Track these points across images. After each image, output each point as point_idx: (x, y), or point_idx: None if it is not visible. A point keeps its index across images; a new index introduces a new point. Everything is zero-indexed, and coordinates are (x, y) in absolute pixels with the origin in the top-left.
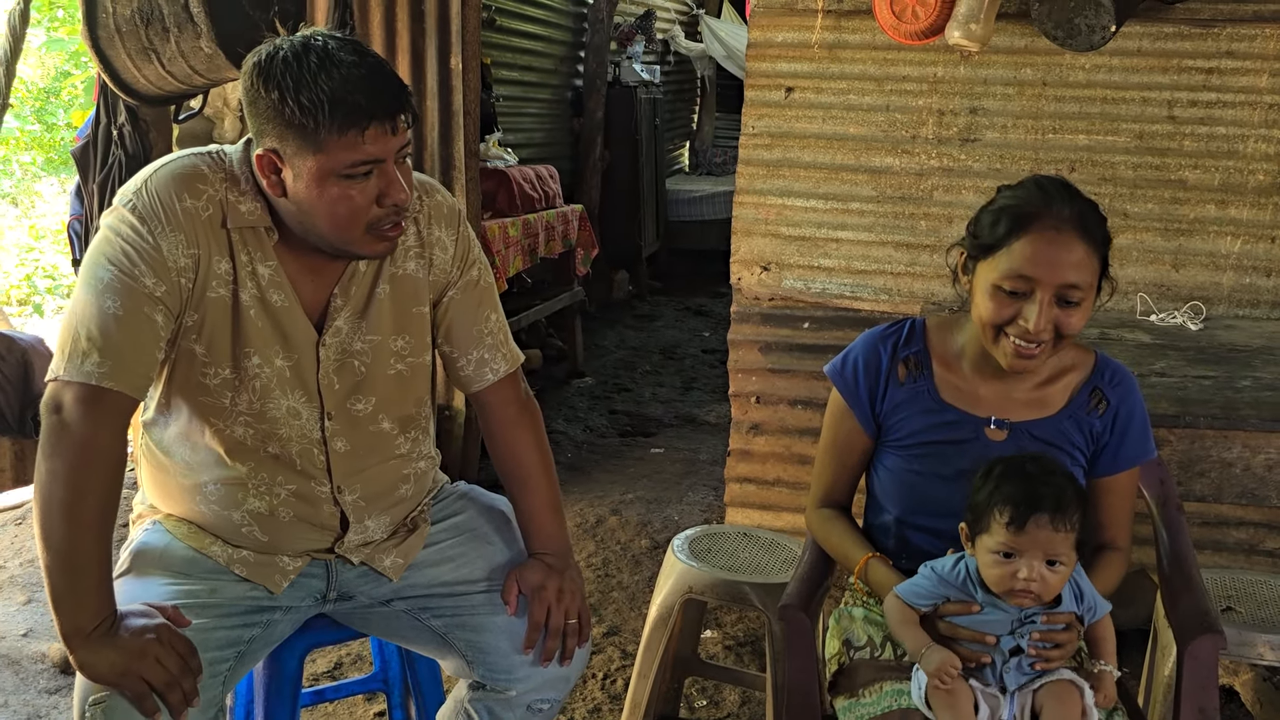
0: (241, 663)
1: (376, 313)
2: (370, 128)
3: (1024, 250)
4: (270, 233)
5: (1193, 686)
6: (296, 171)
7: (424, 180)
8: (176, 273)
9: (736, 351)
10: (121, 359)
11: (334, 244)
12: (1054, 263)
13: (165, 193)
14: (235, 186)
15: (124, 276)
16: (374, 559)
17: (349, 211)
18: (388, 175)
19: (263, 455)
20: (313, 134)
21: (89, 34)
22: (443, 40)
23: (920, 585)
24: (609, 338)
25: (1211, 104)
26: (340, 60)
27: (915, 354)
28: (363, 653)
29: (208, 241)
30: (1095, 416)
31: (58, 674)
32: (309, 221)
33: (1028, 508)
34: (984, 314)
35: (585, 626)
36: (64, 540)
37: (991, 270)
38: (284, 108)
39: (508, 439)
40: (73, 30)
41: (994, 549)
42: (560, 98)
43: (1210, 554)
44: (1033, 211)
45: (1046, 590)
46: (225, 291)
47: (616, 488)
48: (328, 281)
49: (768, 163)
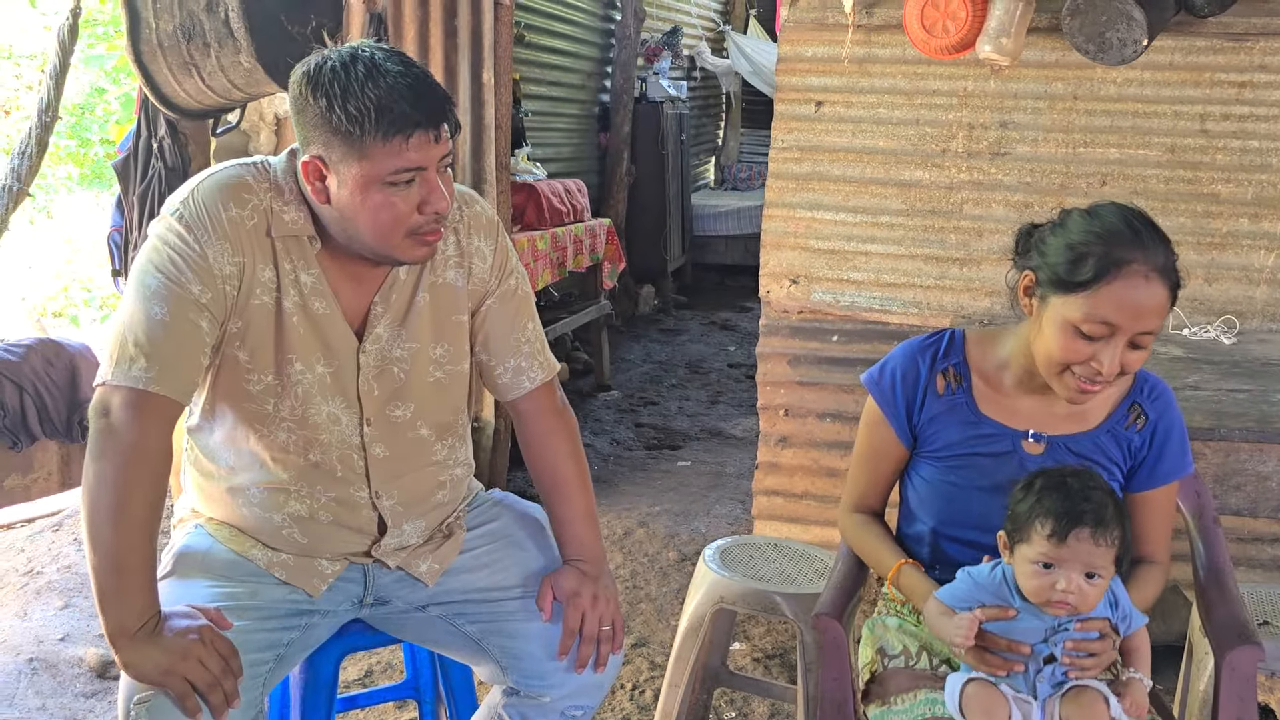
0: (280, 665)
1: (416, 321)
2: (415, 135)
3: (1112, 297)
4: (313, 241)
5: (1230, 699)
6: (341, 178)
7: (464, 191)
8: (222, 280)
9: (765, 364)
10: (168, 364)
11: (376, 250)
12: (1140, 311)
13: (211, 202)
14: (280, 196)
15: (171, 284)
16: (410, 564)
17: (392, 218)
18: (429, 183)
19: (304, 462)
20: (358, 141)
21: (132, 48)
22: (475, 55)
23: (957, 589)
24: (635, 352)
25: (1244, 118)
26: (387, 70)
27: (954, 365)
28: (393, 661)
29: (252, 250)
30: (1134, 431)
31: (94, 678)
32: (352, 228)
33: (1070, 521)
34: (1054, 352)
35: (619, 633)
36: (111, 541)
37: (1071, 309)
38: (331, 115)
39: (544, 448)
40: (112, 46)
41: (1034, 559)
42: (587, 113)
43: (1245, 571)
44: (1125, 258)
45: (1084, 602)
46: (269, 299)
47: (644, 500)
48: (369, 289)
49: (797, 176)
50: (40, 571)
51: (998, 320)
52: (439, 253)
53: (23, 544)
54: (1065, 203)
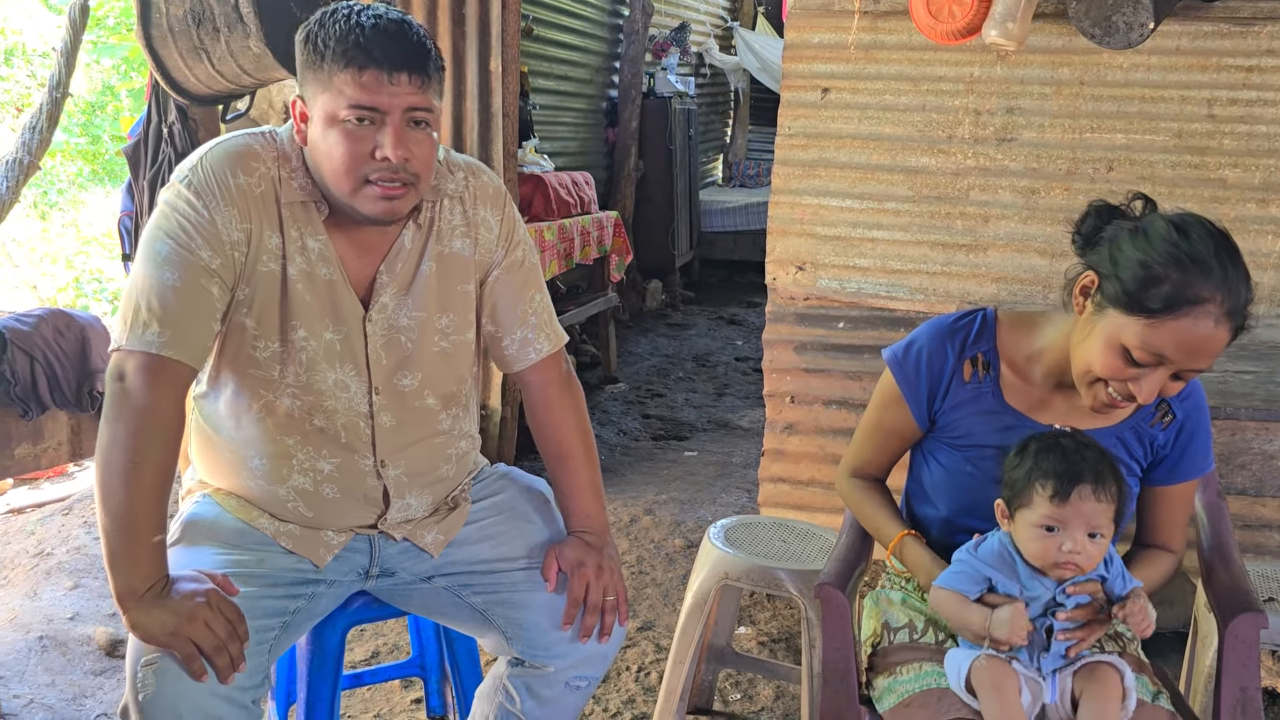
0: (286, 633)
1: (422, 290)
2: (369, 71)
3: (1176, 332)
4: (320, 207)
5: (1234, 665)
6: (313, 116)
7: (471, 162)
8: (230, 246)
9: (771, 351)
10: (180, 329)
11: (335, 195)
12: (1199, 352)
13: (220, 169)
14: (286, 164)
15: (181, 249)
16: (416, 535)
17: (345, 156)
18: (387, 129)
19: (308, 428)
20: (323, 72)
21: (143, 33)
22: (483, 43)
23: (962, 572)
24: (642, 345)
25: (1251, 102)
26: (367, 14)
27: (984, 353)
28: (399, 643)
29: (259, 216)
30: (1159, 429)
31: (103, 656)
32: (319, 171)
33: (1070, 480)
34: (1094, 365)
35: (623, 604)
36: (122, 503)
37: (1127, 330)
38: (305, 48)
39: (550, 418)
40: (123, 38)
41: (1037, 523)
42: (595, 108)
43: (1251, 557)
44: (1202, 296)
45: (1089, 562)
46: (275, 266)
47: (650, 489)
48: (374, 258)
49: (804, 163)
50: (50, 553)
51: (1019, 309)
52: (445, 222)
53: (33, 527)
54: (1071, 189)
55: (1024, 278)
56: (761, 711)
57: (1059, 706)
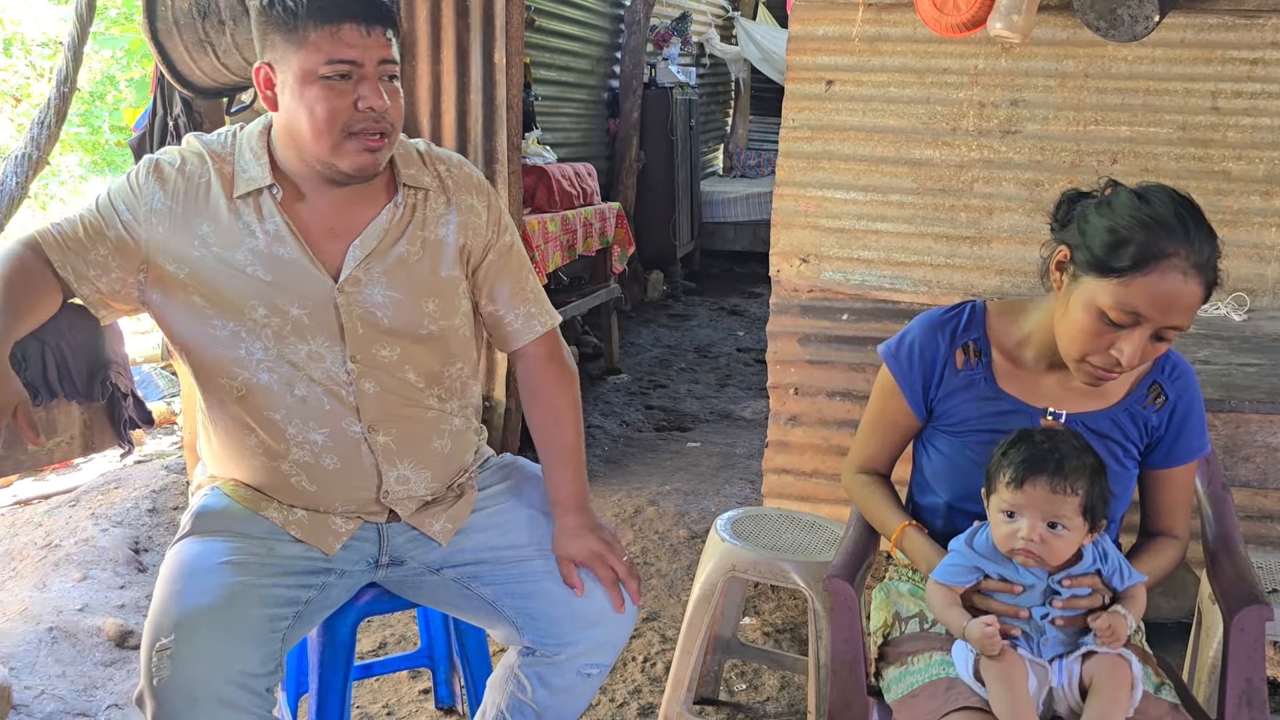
0: (298, 623)
1: (402, 272)
2: (346, 25)
3: (1146, 288)
4: (274, 190)
5: (1240, 657)
6: (284, 80)
7: (450, 154)
8: (149, 211)
9: (775, 343)
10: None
11: (320, 156)
12: (1172, 307)
13: (178, 158)
14: (243, 157)
15: (109, 200)
16: (423, 523)
17: (327, 112)
18: (366, 80)
19: (290, 400)
20: (296, 32)
21: (148, 26)
22: (487, 35)
23: (954, 563)
24: (644, 336)
25: (1256, 95)
26: None
27: (975, 340)
28: (407, 634)
29: (195, 205)
30: (1152, 411)
31: (113, 647)
32: (298, 134)
33: (1027, 468)
34: (1075, 334)
35: (632, 565)
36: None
37: (1101, 293)
38: (272, 11)
39: (545, 389)
40: (125, 29)
41: (999, 508)
42: (597, 98)
43: (1255, 549)
44: (1167, 250)
45: (1049, 553)
46: (207, 252)
47: (654, 480)
48: (345, 235)
49: (808, 155)
50: (58, 545)
51: (1008, 299)
52: (430, 211)
53: (41, 519)
54: (1075, 181)
55: (1028, 270)
56: (767, 701)
57: (1067, 693)
